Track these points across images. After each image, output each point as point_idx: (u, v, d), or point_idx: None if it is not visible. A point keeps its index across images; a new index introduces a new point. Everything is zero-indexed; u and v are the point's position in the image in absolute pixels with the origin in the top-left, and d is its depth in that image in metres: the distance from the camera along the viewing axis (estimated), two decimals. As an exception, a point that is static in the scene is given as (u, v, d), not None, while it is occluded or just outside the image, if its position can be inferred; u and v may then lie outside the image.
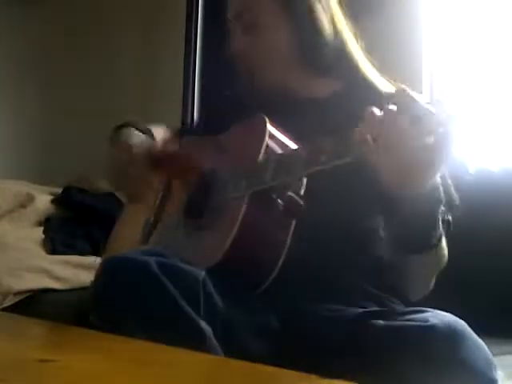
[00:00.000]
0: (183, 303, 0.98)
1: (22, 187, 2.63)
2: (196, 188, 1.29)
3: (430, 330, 0.93)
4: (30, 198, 2.54)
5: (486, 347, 0.96)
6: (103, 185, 2.69)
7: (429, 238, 1.06)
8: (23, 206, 2.52)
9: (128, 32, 3.12)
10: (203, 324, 0.99)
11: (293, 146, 1.17)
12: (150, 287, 0.99)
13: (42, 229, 2.44)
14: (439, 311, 1.00)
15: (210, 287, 1.04)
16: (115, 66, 3.10)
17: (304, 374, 0.68)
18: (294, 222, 1.11)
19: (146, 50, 3.11)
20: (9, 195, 2.53)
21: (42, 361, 0.75)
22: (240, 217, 1.08)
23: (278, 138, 1.19)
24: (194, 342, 0.97)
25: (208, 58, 2.90)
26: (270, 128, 1.18)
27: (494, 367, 0.96)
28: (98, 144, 2.98)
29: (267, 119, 1.18)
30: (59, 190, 2.67)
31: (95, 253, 2.23)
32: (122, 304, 0.99)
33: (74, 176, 2.72)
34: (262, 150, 1.15)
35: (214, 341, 1.00)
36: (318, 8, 1.27)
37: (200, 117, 1.54)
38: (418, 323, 0.95)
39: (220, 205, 1.17)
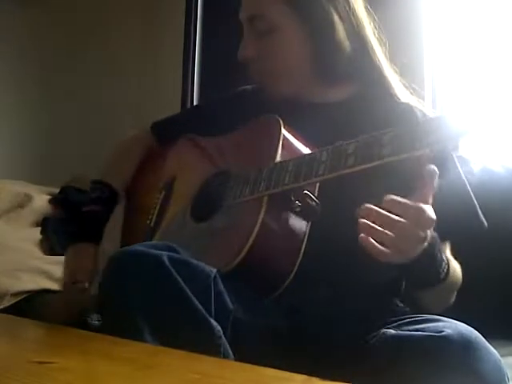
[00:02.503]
0: (195, 301, 0.97)
1: (20, 187, 2.62)
2: (206, 188, 1.27)
3: (444, 340, 0.91)
4: (28, 198, 2.53)
5: (499, 356, 0.94)
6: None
7: (435, 275, 1.08)
8: (21, 206, 2.51)
9: (127, 32, 3.11)
10: (214, 323, 0.98)
11: (306, 148, 1.16)
12: (162, 283, 0.97)
13: (39, 229, 2.43)
14: (451, 320, 0.98)
15: (221, 286, 1.03)
16: (115, 65, 3.09)
17: (306, 377, 0.67)
18: (309, 225, 1.10)
19: (146, 50, 3.10)
20: (6, 195, 2.52)
21: (39, 362, 0.74)
22: (259, 219, 1.07)
23: (292, 140, 1.18)
24: (204, 340, 0.96)
25: (208, 57, 2.90)
26: (284, 130, 1.17)
27: (506, 377, 0.94)
28: (97, 144, 2.98)
29: (281, 121, 1.17)
30: (57, 190, 2.66)
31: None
32: (132, 298, 0.97)
33: (71, 176, 2.72)
34: (278, 152, 1.14)
35: (224, 340, 0.99)
36: (334, 13, 1.24)
37: (199, 115, 1.50)
38: (432, 333, 0.93)
39: (235, 206, 1.15)
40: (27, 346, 0.97)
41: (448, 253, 1.21)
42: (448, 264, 1.10)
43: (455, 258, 1.22)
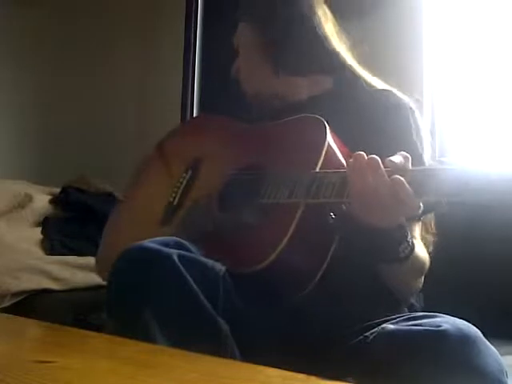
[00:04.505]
0: (204, 300, 0.98)
1: (21, 187, 2.62)
2: (235, 180, 1.26)
3: (442, 334, 0.91)
4: (29, 198, 2.53)
5: (496, 352, 0.95)
6: (102, 185, 2.69)
7: (396, 252, 1.08)
8: (21, 206, 2.51)
9: (128, 33, 3.12)
10: (221, 321, 0.99)
11: (343, 158, 1.14)
12: (171, 282, 0.98)
13: (40, 229, 2.43)
14: (449, 316, 0.98)
15: (229, 285, 1.04)
16: (115, 66, 3.09)
17: (307, 376, 0.67)
18: (337, 237, 1.09)
19: (146, 50, 3.11)
20: (7, 195, 2.52)
21: (40, 362, 0.74)
22: (293, 224, 1.06)
23: (334, 147, 1.15)
24: (212, 340, 0.97)
25: (207, 57, 2.90)
26: (329, 136, 1.14)
27: (505, 372, 0.94)
28: (98, 144, 2.98)
29: (327, 126, 1.15)
30: (58, 190, 2.66)
31: (94, 253, 2.22)
32: (140, 295, 0.98)
33: (72, 176, 2.72)
34: (321, 159, 1.12)
35: (231, 339, 0.99)
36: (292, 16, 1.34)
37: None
38: (430, 328, 0.93)
39: (270, 206, 1.14)
40: (27, 345, 0.97)
41: (417, 235, 1.21)
42: (412, 245, 1.09)
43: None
